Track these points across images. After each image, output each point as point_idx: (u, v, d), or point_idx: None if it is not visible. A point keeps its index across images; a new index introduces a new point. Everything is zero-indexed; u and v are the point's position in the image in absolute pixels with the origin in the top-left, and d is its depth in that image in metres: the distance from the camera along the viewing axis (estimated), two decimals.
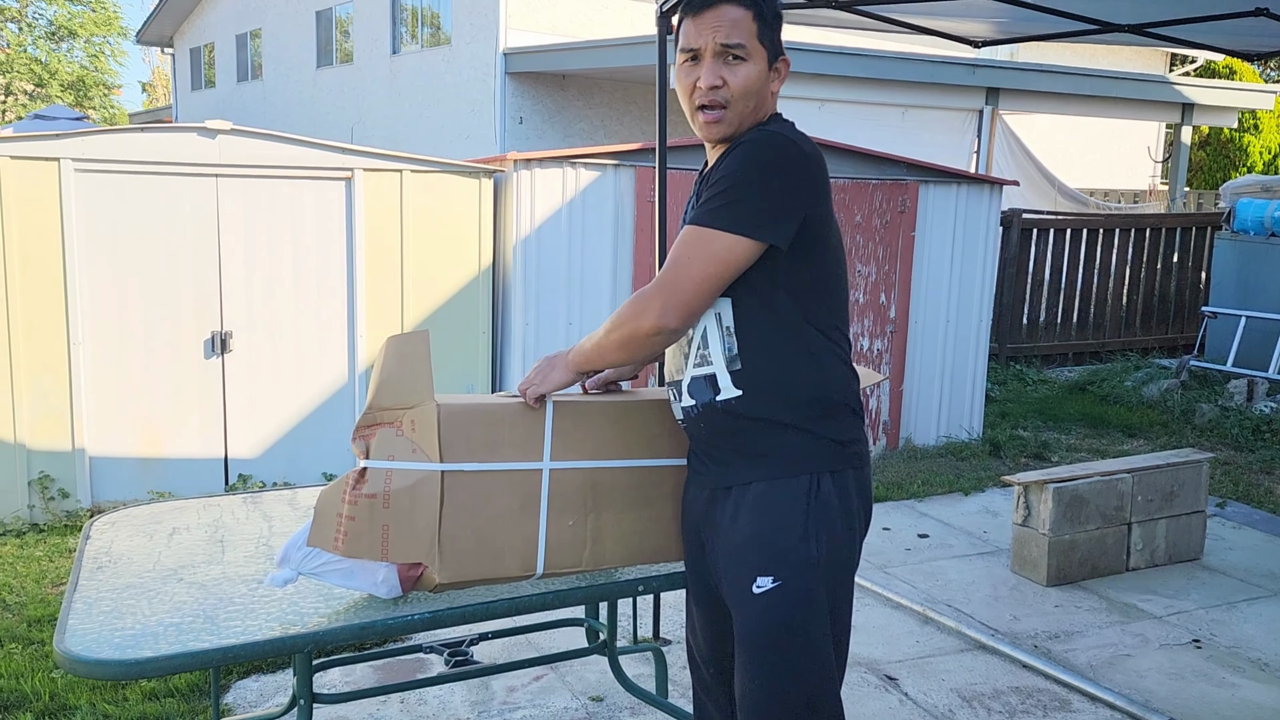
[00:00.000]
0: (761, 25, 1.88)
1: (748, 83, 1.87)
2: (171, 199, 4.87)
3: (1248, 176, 9.66)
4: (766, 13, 1.89)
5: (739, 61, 1.87)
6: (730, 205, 1.80)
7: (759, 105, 1.91)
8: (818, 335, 1.90)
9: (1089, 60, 15.92)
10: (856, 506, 1.94)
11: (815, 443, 1.89)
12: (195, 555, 2.35)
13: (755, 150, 1.82)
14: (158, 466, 5.01)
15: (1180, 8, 3.83)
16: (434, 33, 15.28)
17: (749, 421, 1.90)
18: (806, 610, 1.86)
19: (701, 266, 1.80)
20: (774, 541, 1.86)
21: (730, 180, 1.81)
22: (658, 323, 1.84)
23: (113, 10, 31.36)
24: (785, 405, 1.89)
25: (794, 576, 1.85)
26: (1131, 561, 4.58)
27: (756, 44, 1.88)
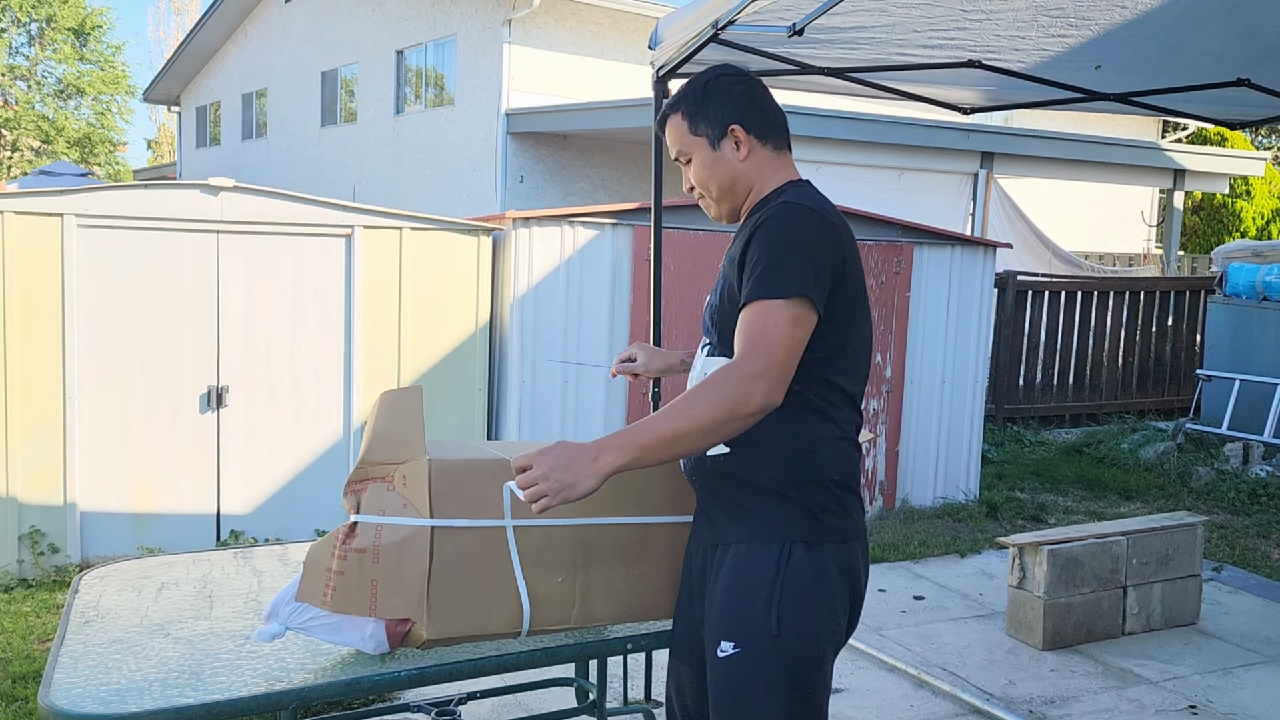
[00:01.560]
0: (690, 120, 2.02)
1: (700, 175, 2.04)
2: (173, 255, 4.93)
3: (1239, 241, 9.78)
4: (689, 107, 2.03)
5: (689, 162, 2.06)
6: (794, 272, 1.81)
7: (732, 181, 2.02)
8: (812, 405, 1.90)
9: (1082, 126, 16.16)
10: (836, 581, 1.89)
11: (790, 510, 1.88)
12: (183, 610, 2.34)
13: (777, 228, 1.86)
14: (149, 521, 4.99)
15: (1164, 78, 3.91)
16: (438, 93, 15.54)
17: (733, 480, 1.94)
18: (761, 682, 1.85)
19: (789, 332, 1.79)
20: (738, 608, 1.88)
21: (775, 251, 1.83)
22: (765, 401, 1.76)
23: (121, 70, 31.89)
24: (765, 469, 1.90)
25: (753, 647, 1.85)
26: (1127, 625, 4.55)
27: (692, 138, 2.03)
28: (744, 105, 2.02)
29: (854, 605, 1.97)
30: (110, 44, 32.14)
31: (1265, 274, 8.45)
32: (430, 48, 15.52)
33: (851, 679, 4.04)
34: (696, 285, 5.88)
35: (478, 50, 14.24)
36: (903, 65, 3.77)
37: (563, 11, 13.89)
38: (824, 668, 1.91)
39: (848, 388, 1.94)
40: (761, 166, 2.03)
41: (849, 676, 4.06)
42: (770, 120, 2.05)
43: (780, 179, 2.03)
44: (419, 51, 15.83)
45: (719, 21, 2.97)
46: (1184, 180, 13.28)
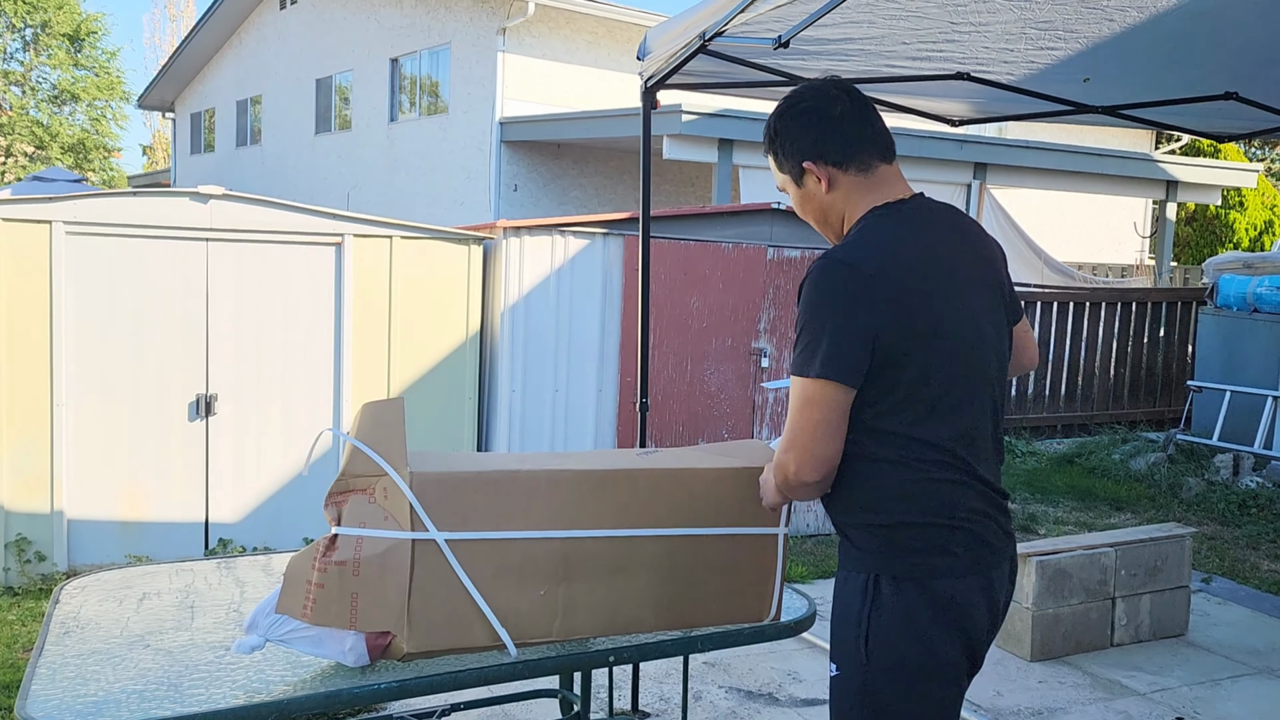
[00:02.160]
0: (777, 156, 2.06)
1: (798, 209, 2.11)
2: (161, 262, 4.91)
3: (1230, 253, 9.81)
4: (776, 143, 2.05)
5: (786, 193, 2.12)
6: (809, 349, 1.84)
7: (823, 215, 2.05)
8: (869, 453, 1.89)
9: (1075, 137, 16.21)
10: (928, 614, 1.86)
11: (872, 542, 1.91)
12: (164, 621, 2.33)
13: (808, 290, 1.88)
14: (137, 530, 4.98)
15: (1153, 91, 3.93)
16: (432, 101, 15.55)
17: (830, 513, 2.04)
18: (858, 701, 1.92)
19: (805, 414, 1.86)
20: (836, 634, 1.97)
21: (800, 322, 1.89)
22: (796, 475, 1.90)
23: (116, 76, 31.89)
24: (847, 510, 1.97)
25: (850, 671, 1.93)
26: (1116, 637, 4.55)
27: (781, 176, 2.08)
28: (815, 136, 1.97)
29: (968, 640, 1.91)
30: (105, 50, 32.17)
31: (1256, 285, 8.48)
32: (425, 56, 15.54)
33: None
34: (687, 295, 5.88)
35: (472, 59, 14.26)
36: (892, 77, 3.77)
37: (557, 21, 13.92)
38: (919, 700, 1.90)
39: (913, 433, 1.87)
40: (849, 192, 1.98)
41: None
42: (849, 140, 1.96)
43: (866, 204, 1.97)
44: (414, 59, 15.85)
45: (706, 33, 2.97)
46: (1176, 191, 13.33)
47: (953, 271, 1.93)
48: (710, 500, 2.28)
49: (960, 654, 1.90)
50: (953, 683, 1.92)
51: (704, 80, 3.71)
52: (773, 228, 6.10)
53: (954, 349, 1.89)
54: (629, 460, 2.33)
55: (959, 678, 1.93)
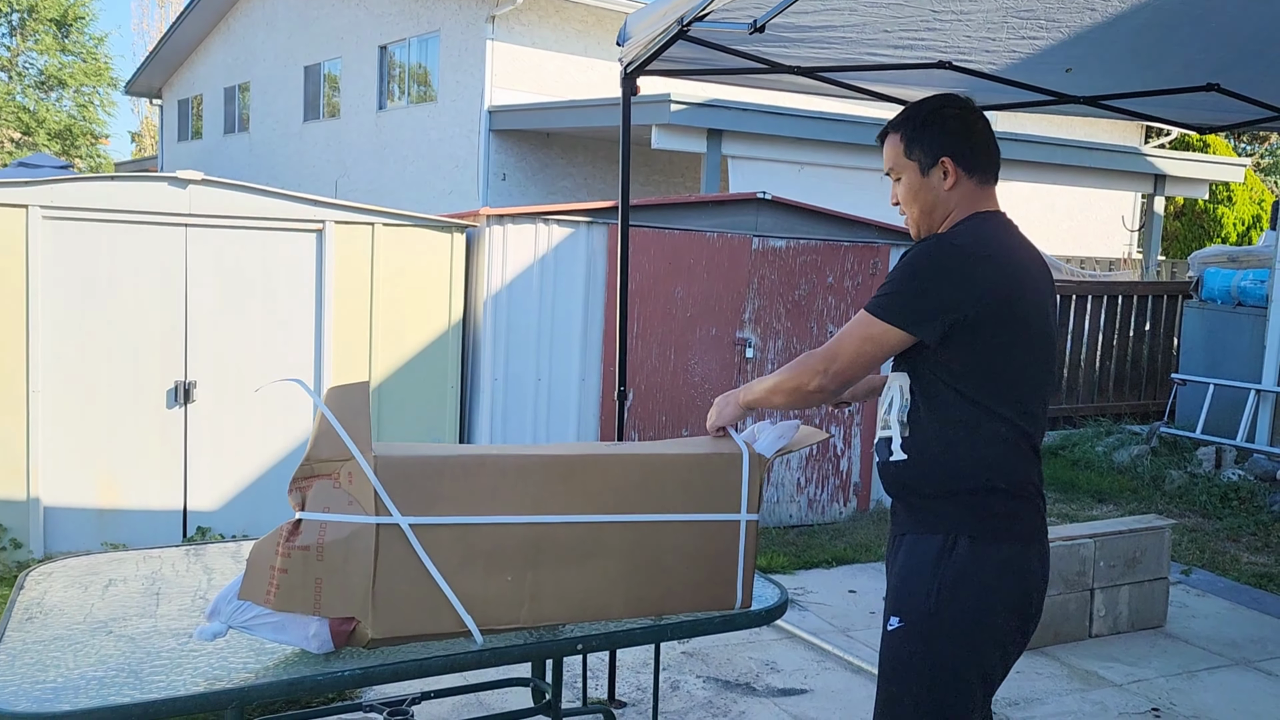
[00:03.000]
0: (907, 144, 2.21)
1: (903, 195, 2.24)
2: (139, 248, 4.87)
3: (1215, 247, 9.83)
4: (908, 131, 2.21)
5: (898, 180, 2.25)
6: (890, 297, 2.08)
7: (932, 206, 2.20)
8: (960, 419, 2.09)
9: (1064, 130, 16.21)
10: (998, 577, 2.06)
11: (957, 508, 2.08)
12: (129, 608, 2.31)
13: (917, 255, 2.09)
14: (114, 518, 4.94)
15: (1135, 82, 3.91)
16: (421, 89, 15.48)
17: (909, 481, 2.16)
18: (923, 653, 2.07)
19: (858, 345, 2.10)
20: (905, 588, 2.10)
21: (894, 276, 2.10)
22: (820, 384, 2.14)
23: (104, 62, 31.66)
24: (934, 475, 2.11)
25: (915, 621, 2.08)
26: (1094, 628, 4.55)
27: (905, 161, 2.21)
28: (960, 138, 2.19)
29: (1026, 605, 2.12)
30: (93, 35, 31.94)
31: (1240, 279, 8.49)
32: (414, 43, 15.45)
33: (817, 680, 4.03)
34: (672, 284, 5.86)
35: (461, 46, 14.18)
36: (873, 65, 3.75)
37: (546, 9, 13.84)
38: (975, 655, 2.07)
39: (997, 408, 2.08)
40: (962, 197, 2.19)
41: (815, 677, 4.05)
42: (980, 154, 2.21)
43: (972, 209, 2.18)
44: (403, 47, 15.76)
45: (684, 18, 2.95)
46: (1164, 185, 13.34)
47: (1038, 282, 2.16)
48: (680, 487, 2.26)
49: (1016, 618, 2.10)
50: (1002, 644, 2.10)
51: (684, 67, 3.68)
52: (758, 218, 6.08)
53: (1038, 345, 2.13)
54: (597, 449, 2.31)
55: (1011, 641, 2.12)
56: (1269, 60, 3.59)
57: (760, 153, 10.86)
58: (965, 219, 2.17)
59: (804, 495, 6.36)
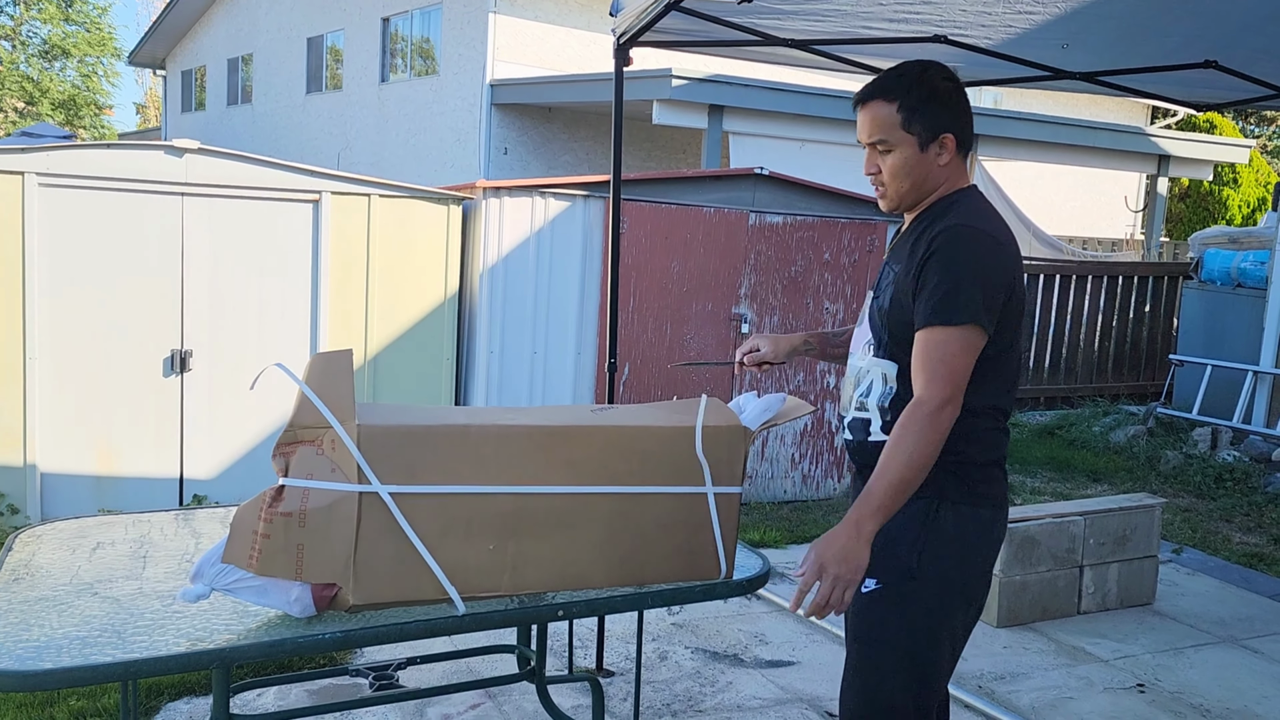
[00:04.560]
0: (907, 115, 2.10)
1: (894, 168, 2.14)
2: (136, 216, 4.88)
3: (1216, 228, 9.79)
4: (908, 101, 2.10)
5: (886, 152, 2.15)
6: (963, 297, 2.01)
7: (921, 181, 2.15)
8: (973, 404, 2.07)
9: (1069, 109, 16.13)
10: (975, 541, 2.13)
11: (940, 475, 2.05)
12: (115, 570, 2.33)
13: (960, 250, 2.04)
14: (111, 485, 4.97)
15: (1132, 58, 3.89)
16: (423, 62, 15.41)
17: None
18: (898, 613, 2.10)
19: (964, 359, 2.02)
20: (883, 550, 2.06)
21: (950, 275, 2.02)
22: (953, 420, 2.01)
23: (107, 31, 31.52)
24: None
25: (892, 582, 2.10)
26: (1083, 604, 4.58)
27: (901, 133, 2.11)
28: (959, 114, 2.15)
29: (991, 567, 2.19)
30: (97, 5, 31.76)
31: (1240, 260, 8.47)
32: (417, 16, 15.37)
33: (805, 652, 4.06)
34: (668, 258, 5.86)
35: (464, 19, 14.11)
36: (868, 39, 3.74)
37: None
38: (950, 616, 2.13)
39: (993, 393, 2.12)
40: (952, 171, 2.17)
41: (804, 650, 4.08)
42: (970, 130, 2.19)
43: (956, 184, 2.18)
44: (405, 19, 15.68)
45: None
46: (1169, 166, 13.29)
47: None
48: (662, 458, 2.27)
49: (986, 579, 2.19)
50: (974, 604, 2.18)
51: (678, 38, 3.67)
52: (755, 193, 6.07)
53: (1024, 324, 2.22)
54: (582, 416, 2.32)
55: (978, 601, 2.19)
56: (1268, 37, 3.57)
57: (761, 129, 10.82)
58: (957, 194, 2.16)
59: (798, 471, 6.38)
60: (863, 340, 2.26)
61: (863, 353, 2.24)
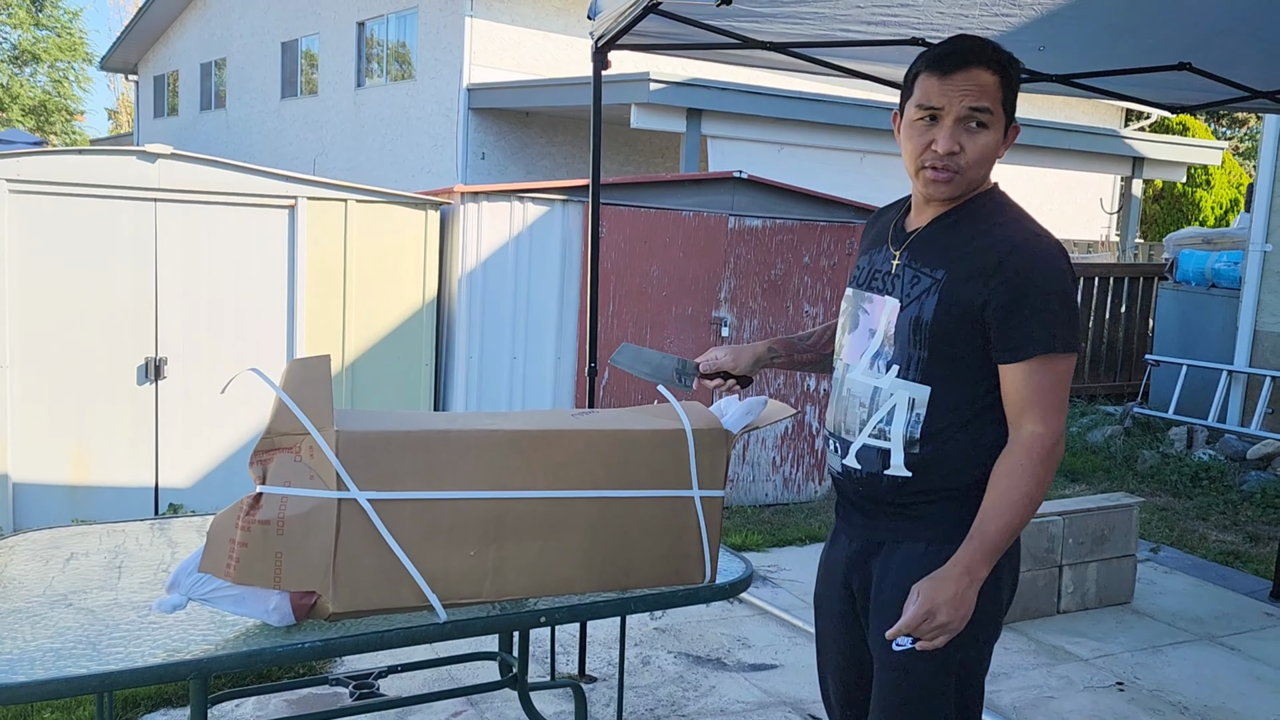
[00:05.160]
0: (1007, 91, 1.86)
1: (985, 151, 1.86)
2: (109, 222, 4.82)
3: (1190, 229, 9.90)
4: (1013, 77, 1.87)
5: (981, 129, 1.85)
6: (1074, 326, 1.85)
7: (988, 172, 1.92)
8: (994, 416, 1.90)
9: (1044, 112, 16.25)
10: (1005, 574, 1.94)
11: (969, 513, 1.87)
12: (90, 581, 2.29)
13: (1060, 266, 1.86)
14: (85, 494, 4.91)
15: (1107, 61, 3.92)
16: (400, 67, 15.35)
17: (909, 495, 1.94)
18: (937, 672, 1.89)
19: (1066, 390, 1.87)
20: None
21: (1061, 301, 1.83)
22: (1059, 451, 1.85)
23: (78, 36, 31.23)
24: (951, 484, 1.92)
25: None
26: (1062, 604, 4.60)
27: (1000, 110, 1.85)
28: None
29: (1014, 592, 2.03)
30: (67, 10, 31.47)
31: (1214, 261, 8.56)
32: (392, 20, 15.32)
33: (788, 655, 4.05)
34: (647, 263, 5.85)
35: (440, 23, 14.07)
36: (846, 41, 3.74)
37: None
38: (987, 657, 1.98)
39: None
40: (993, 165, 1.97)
41: (786, 653, 4.07)
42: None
43: (990, 179, 1.97)
44: (381, 23, 15.62)
45: None
46: (1143, 168, 13.42)
47: None
48: (644, 463, 2.26)
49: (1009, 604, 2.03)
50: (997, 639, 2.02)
51: (656, 41, 3.66)
52: (734, 197, 6.07)
53: None
54: (563, 421, 2.30)
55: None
56: (1239, 38, 3.60)
57: (740, 133, 10.84)
58: (991, 193, 1.96)
59: (779, 474, 6.39)
60: (867, 352, 1.99)
61: (874, 369, 1.97)
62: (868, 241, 2.14)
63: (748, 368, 2.29)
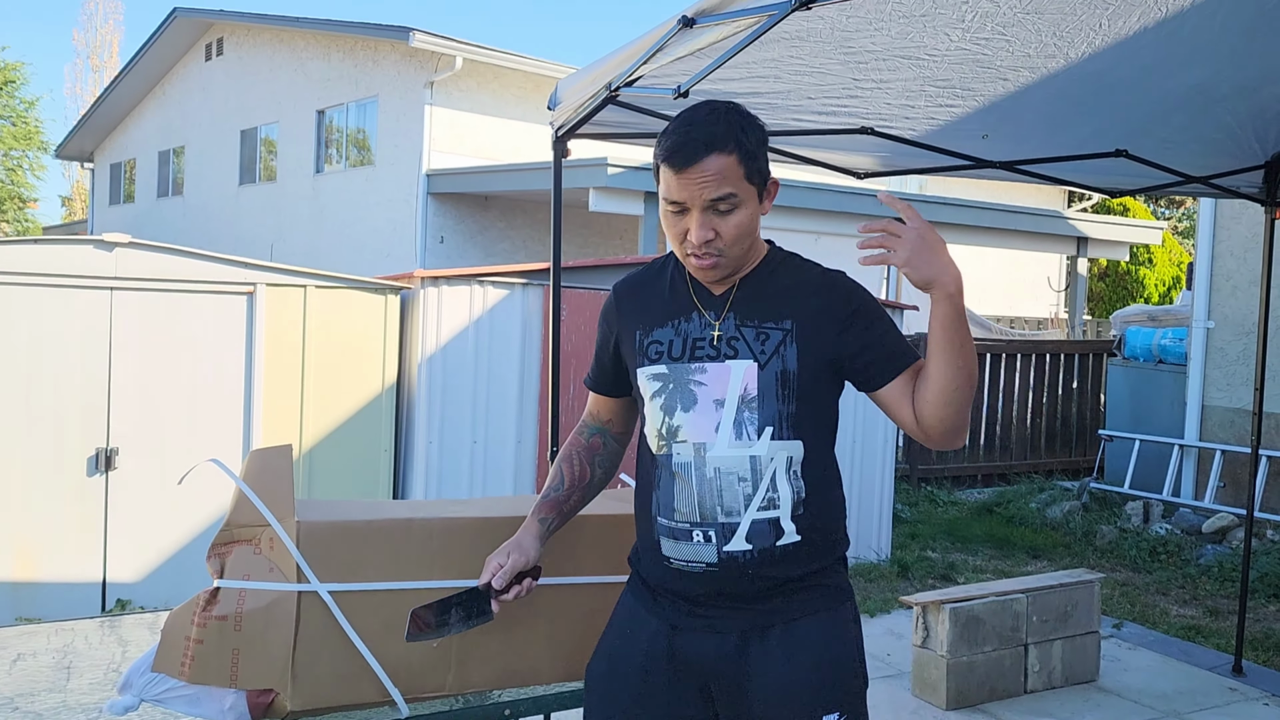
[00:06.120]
0: (749, 164, 1.77)
1: (741, 229, 1.79)
2: (63, 312, 4.77)
3: (1136, 306, 10.16)
4: (750, 147, 1.77)
5: (731, 211, 1.77)
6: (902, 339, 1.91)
7: (754, 239, 1.86)
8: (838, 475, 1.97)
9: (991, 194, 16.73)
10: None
11: (847, 572, 1.95)
12: (37, 683, 2.21)
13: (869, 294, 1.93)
14: (29, 591, 4.76)
15: (1048, 147, 4.07)
16: (359, 153, 15.49)
17: (799, 564, 1.85)
18: None
19: None
20: (836, 677, 1.84)
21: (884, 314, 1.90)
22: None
23: (34, 125, 31.20)
24: (833, 544, 1.92)
25: (855, 709, 1.85)
26: (1029, 683, 4.58)
27: (746, 185, 1.77)
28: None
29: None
30: (24, 99, 31.46)
31: (1160, 338, 8.78)
32: (352, 108, 15.51)
33: None
34: None
35: (400, 111, 14.27)
36: (799, 130, 3.86)
37: (485, 75, 14.02)
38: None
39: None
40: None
41: None
42: None
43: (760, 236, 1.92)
44: (341, 111, 15.81)
45: (613, 84, 3.01)
46: (1087, 247, 13.81)
47: None
48: (608, 546, 2.25)
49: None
50: None
51: (615, 130, 3.75)
52: None
53: None
54: (526, 507, 2.29)
55: None
56: (1171, 127, 3.77)
57: None
58: (775, 247, 1.96)
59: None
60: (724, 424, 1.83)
61: (742, 439, 1.82)
62: (655, 314, 1.95)
63: (537, 554, 2.01)
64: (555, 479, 2.11)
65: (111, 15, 44.10)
